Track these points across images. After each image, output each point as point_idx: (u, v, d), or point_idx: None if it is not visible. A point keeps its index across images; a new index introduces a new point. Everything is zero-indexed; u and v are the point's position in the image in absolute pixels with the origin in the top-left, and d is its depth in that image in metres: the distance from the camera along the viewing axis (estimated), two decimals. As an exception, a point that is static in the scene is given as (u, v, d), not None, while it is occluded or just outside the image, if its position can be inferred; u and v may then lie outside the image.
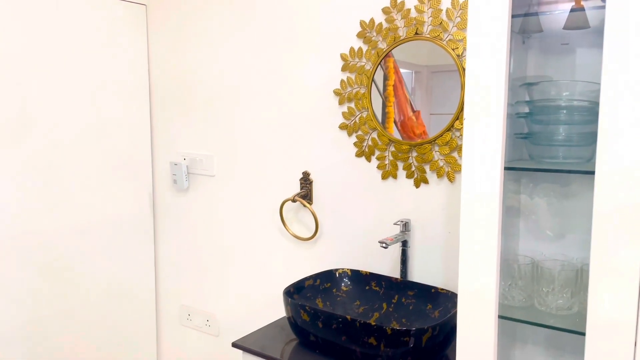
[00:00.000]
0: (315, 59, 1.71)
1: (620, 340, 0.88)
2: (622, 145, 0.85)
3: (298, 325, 1.36)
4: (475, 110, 0.99)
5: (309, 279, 1.53)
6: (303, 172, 1.79)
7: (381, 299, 1.53)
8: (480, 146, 0.99)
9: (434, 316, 1.42)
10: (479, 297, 1.02)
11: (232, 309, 2.04)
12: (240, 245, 1.99)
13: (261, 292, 1.95)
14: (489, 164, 0.98)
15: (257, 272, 1.95)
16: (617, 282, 0.88)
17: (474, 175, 1.01)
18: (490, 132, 0.98)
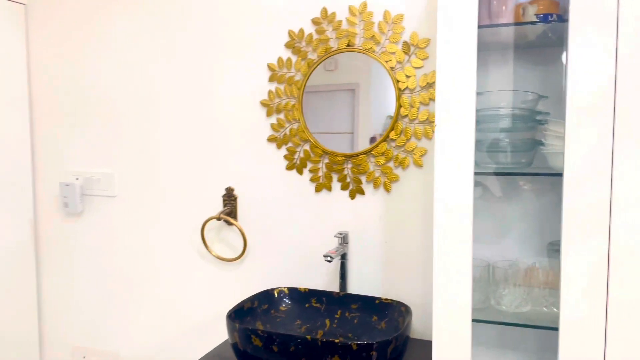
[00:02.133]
0: (239, 68, 1.63)
1: (591, 332, 0.94)
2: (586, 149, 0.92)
3: (248, 352, 1.25)
4: (448, 118, 1.01)
5: (247, 302, 1.43)
6: (226, 188, 1.68)
7: (323, 315, 1.48)
8: (452, 153, 1.01)
9: (381, 327, 1.40)
10: (454, 303, 1.03)
11: (141, 345, 1.83)
12: (150, 272, 1.80)
13: (178, 323, 1.77)
14: (462, 170, 1.00)
15: (173, 301, 1.78)
16: (585, 278, 0.94)
17: (446, 182, 1.02)
18: (462, 138, 1.00)
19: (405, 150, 1.45)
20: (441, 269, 1.03)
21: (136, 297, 1.82)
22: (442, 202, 1.02)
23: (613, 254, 0.92)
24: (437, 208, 1.02)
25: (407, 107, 1.44)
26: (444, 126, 1.01)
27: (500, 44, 1.28)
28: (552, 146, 1.13)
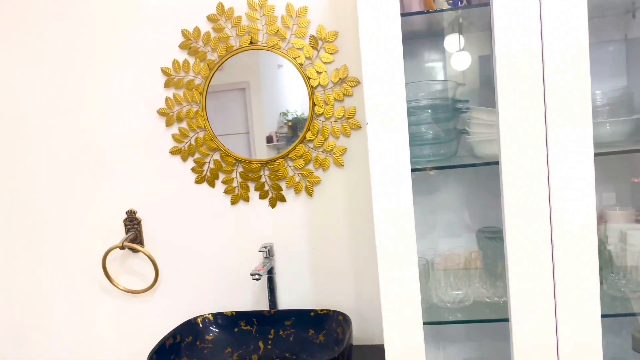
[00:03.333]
0: (128, 75, 1.44)
1: (541, 317, 0.93)
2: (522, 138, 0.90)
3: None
4: (379, 113, 0.94)
5: (168, 338, 1.26)
6: (127, 212, 1.48)
7: (256, 338, 1.36)
8: (388, 151, 0.94)
9: (319, 341, 1.32)
10: (403, 304, 0.97)
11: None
12: (44, 317, 1.55)
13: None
14: (399, 166, 0.94)
15: (78, 346, 1.54)
16: (530, 264, 0.92)
17: (384, 181, 0.95)
18: (396, 133, 0.94)
19: (324, 151, 1.37)
20: (386, 273, 0.96)
21: (31, 347, 1.56)
22: (381, 202, 0.95)
23: (556, 236, 0.91)
24: (377, 208, 0.95)
25: (322, 105, 1.36)
26: (376, 122, 0.94)
27: (413, 33, 1.24)
28: (477, 134, 1.11)
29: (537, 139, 0.90)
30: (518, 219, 0.92)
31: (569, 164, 0.89)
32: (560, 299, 0.92)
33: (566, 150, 0.89)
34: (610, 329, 1.19)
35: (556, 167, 0.90)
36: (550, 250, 0.92)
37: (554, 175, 0.90)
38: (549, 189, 0.90)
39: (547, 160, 0.90)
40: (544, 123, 0.90)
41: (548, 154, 0.90)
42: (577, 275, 0.91)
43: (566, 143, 0.89)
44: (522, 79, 0.89)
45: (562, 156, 0.89)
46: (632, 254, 1.04)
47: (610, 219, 1.12)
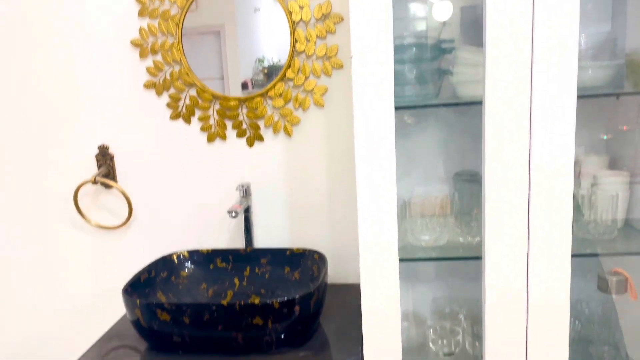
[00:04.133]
0: (100, 2, 1.36)
1: (514, 257, 0.95)
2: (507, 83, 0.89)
3: (154, 329, 1.10)
4: (364, 46, 0.91)
5: (143, 273, 1.25)
6: (99, 147, 1.44)
7: (231, 275, 1.37)
8: (372, 86, 0.92)
9: (295, 279, 1.33)
10: (380, 242, 0.98)
11: (20, 339, 1.56)
12: (18, 254, 1.52)
13: (62, 306, 1.54)
14: (383, 102, 0.93)
15: (53, 284, 1.53)
16: (507, 205, 0.94)
17: (367, 118, 0.94)
18: (381, 68, 0.92)
19: (304, 90, 1.35)
20: (365, 211, 0.97)
21: (6, 285, 1.54)
22: (363, 139, 0.94)
23: (534, 178, 0.92)
24: (359, 145, 0.94)
25: (303, 42, 1.32)
26: (361, 56, 0.91)
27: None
28: (460, 74, 1.10)
29: (522, 80, 0.89)
30: (498, 160, 0.92)
31: (551, 107, 0.89)
32: (533, 239, 0.95)
33: (550, 92, 0.89)
34: (576, 270, 1.23)
35: (539, 109, 0.90)
36: (527, 192, 0.93)
37: (536, 117, 0.90)
38: (530, 130, 0.91)
39: (531, 102, 0.90)
40: (530, 64, 0.89)
41: (532, 95, 0.90)
42: (551, 217, 0.93)
43: (551, 85, 0.89)
44: (511, 18, 0.88)
45: (545, 99, 0.89)
46: (603, 199, 1.07)
47: (585, 164, 1.14)
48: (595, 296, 1.22)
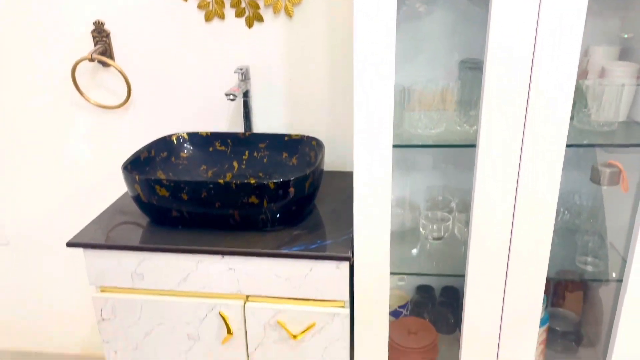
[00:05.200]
0: None
1: (507, 149, 0.95)
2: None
3: (153, 204, 1.14)
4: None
5: (143, 151, 1.27)
6: (94, 23, 1.39)
7: (230, 158, 1.38)
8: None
9: (292, 164, 1.35)
10: (374, 127, 0.97)
11: (28, 214, 1.63)
12: (20, 135, 1.54)
13: (66, 184, 1.58)
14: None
15: (56, 161, 1.56)
16: (507, 94, 0.92)
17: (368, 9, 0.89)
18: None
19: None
20: (361, 95, 0.95)
21: (12, 164, 1.57)
22: (362, 22, 0.90)
23: (536, 71, 0.89)
24: (358, 26, 0.90)
25: None
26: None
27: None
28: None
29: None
30: (502, 48, 0.89)
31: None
32: (529, 128, 0.94)
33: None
34: (570, 161, 1.24)
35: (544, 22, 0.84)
36: (528, 83, 0.91)
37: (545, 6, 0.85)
38: (537, 20, 0.86)
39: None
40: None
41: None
42: (548, 108, 0.91)
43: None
44: None
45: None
46: (608, 90, 1.04)
47: (594, 54, 1.09)
48: (587, 188, 1.24)
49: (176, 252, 1.11)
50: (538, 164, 0.96)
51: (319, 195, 1.32)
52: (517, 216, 1.00)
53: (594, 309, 1.33)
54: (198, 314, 1.17)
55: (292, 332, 1.14)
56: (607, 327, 1.21)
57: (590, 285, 1.34)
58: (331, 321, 1.13)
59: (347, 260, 1.07)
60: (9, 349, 1.81)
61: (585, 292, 1.35)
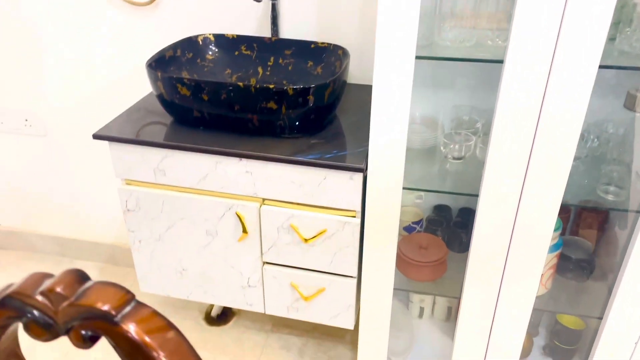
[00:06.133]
0: None
1: (534, 75, 0.90)
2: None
3: (175, 103, 1.16)
4: None
5: (168, 50, 1.27)
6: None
7: (255, 63, 1.37)
8: None
9: (317, 73, 1.33)
10: (398, 37, 0.94)
11: (59, 105, 1.69)
12: (53, 28, 1.55)
13: (94, 78, 1.61)
14: None
15: (85, 56, 1.58)
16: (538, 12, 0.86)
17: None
18: None
19: None
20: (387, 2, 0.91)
21: (48, 59, 1.61)
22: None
23: None
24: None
25: None
26: None
27: None
28: None
29: None
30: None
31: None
32: (561, 44, 0.88)
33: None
34: (607, 84, 1.17)
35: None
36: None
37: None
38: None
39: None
40: None
41: None
42: (584, 27, 0.85)
43: None
44: None
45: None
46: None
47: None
48: (620, 115, 1.18)
49: (196, 151, 1.14)
50: (567, 82, 0.91)
51: (343, 106, 1.31)
52: (538, 136, 0.97)
53: (610, 241, 1.31)
54: (216, 212, 1.22)
55: (303, 236, 1.18)
56: (619, 260, 1.20)
57: (609, 215, 1.31)
58: (342, 229, 1.16)
59: (361, 171, 1.08)
60: (49, 234, 1.95)
61: (603, 223, 1.33)
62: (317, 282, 1.25)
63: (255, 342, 1.64)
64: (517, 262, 1.12)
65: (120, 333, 0.30)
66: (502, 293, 1.17)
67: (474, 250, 1.14)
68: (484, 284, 1.17)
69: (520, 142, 0.99)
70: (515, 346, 1.24)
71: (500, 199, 1.06)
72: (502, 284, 1.16)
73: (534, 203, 1.04)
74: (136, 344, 0.30)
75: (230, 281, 1.31)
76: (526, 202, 1.05)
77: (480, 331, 1.24)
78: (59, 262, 1.97)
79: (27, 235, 1.97)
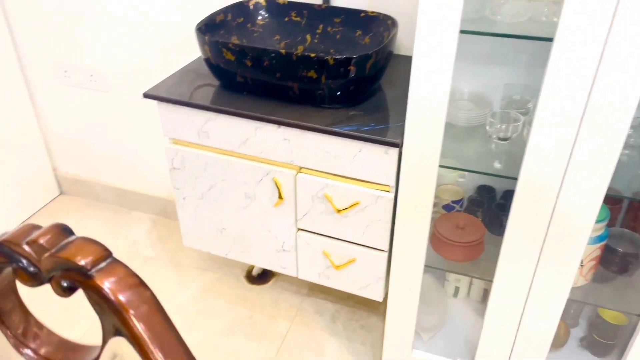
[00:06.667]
0: None
1: (587, 47, 0.85)
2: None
3: (220, 66, 1.19)
4: None
5: (219, 14, 1.29)
6: None
7: (304, 30, 1.37)
8: None
9: (364, 43, 1.31)
10: (439, 8, 0.91)
11: (119, 60, 1.77)
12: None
13: (151, 39, 1.67)
14: None
15: (144, 16, 1.64)
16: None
17: None
18: None
19: None
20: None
21: (108, 16, 1.68)
22: None
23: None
24: None
25: None
26: None
27: None
28: None
29: None
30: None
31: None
32: (616, 27, 0.82)
33: None
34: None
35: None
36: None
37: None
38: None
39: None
40: None
41: None
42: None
43: None
44: None
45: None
46: None
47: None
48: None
49: (237, 115, 1.17)
50: (620, 65, 0.85)
51: (390, 78, 1.29)
52: (585, 122, 0.92)
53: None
54: (255, 176, 1.25)
55: (336, 207, 1.19)
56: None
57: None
58: (375, 202, 1.16)
59: (396, 146, 1.07)
60: (109, 184, 2.08)
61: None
62: (349, 252, 1.27)
63: (291, 303, 1.69)
64: (553, 250, 1.08)
65: (93, 286, 0.33)
66: (536, 280, 1.14)
67: (509, 234, 1.11)
68: (518, 269, 1.14)
69: (565, 126, 0.94)
70: (545, 336, 1.21)
71: (539, 183, 1.02)
72: (536, 271, 1.13)
73: (575, 191, 1.00)
74: (106, 298, 0.33)
75: (266, 244, 1.36)
76: (567, 190, 1.00)
77: (510, 317, 1.21)
78: (117, 211, 2.11)
79: (90, 184, 2.11)
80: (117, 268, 0.34)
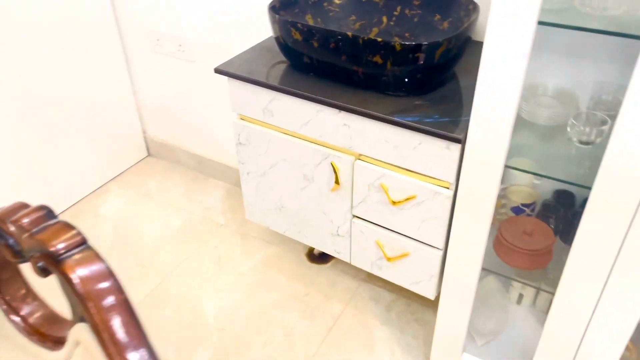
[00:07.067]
0: None
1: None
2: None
3: (289, 46, 1.18)
4: None
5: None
6: None
7: (381, 12, 1.32)
8: None
9: (442, 28, 1.24)
10: (515, 2, 0.83)
11: (205, 32, 1.82)
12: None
13: (235, 11, 1.70)
14: None
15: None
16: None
17: None
18: None
19: None
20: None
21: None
22: None
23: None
24: None
25: None
26: None
27: None
28: None
29: None
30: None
31: None
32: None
33: None
34: None
35: None
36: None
37: None
38: None
39: None
40: None
41: None
42: None
43: None
44: None
45: None
46: None
47: None
48: None
49: (300, 97, 1.16)
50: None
51: (467, 66, 1.21)
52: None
53: None
54: (314, 159, 1.25)
55: (392, 198, 1.16)
56: None
57: None
58: (432, 198, 1.11)
59: (458, 142, 1.01)
60: (190, 150, 2.18)
61: None
62: (402, 245, 1.23)
63: (348, 287, 1.69)
64: (628, 267, 0.98)
65: (62, 271, 0.34)
66: (604, 298, 1.04)
67: (577, 245, 1.01)
68: (584, 284, 1.04)
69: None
70: (610, 358, 1.11)
71: (616, 194, 0.92)
72: (605, 287, 1.03)
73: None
74: (73, 285, 0.34)
75: (321, 226, 1.35)
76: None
77: (571, 333, 1.12)
78: (195, 177, 2.21)
79: (174, 148, 2.23)
80: (89, 257, 0.35)
